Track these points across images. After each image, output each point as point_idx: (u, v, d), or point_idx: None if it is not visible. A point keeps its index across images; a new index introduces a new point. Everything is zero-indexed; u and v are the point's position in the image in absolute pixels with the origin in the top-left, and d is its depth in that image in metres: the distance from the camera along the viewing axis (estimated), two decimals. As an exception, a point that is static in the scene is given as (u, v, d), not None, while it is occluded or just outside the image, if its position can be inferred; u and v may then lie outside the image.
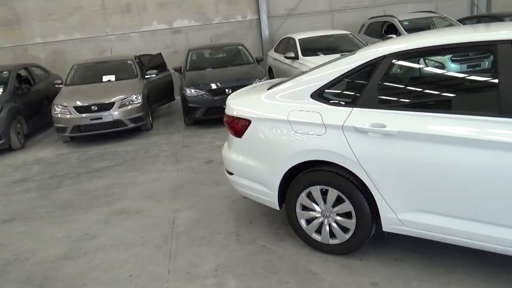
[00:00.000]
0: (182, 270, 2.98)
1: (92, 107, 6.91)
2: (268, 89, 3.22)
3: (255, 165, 3.08)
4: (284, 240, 3.22)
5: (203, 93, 7.29)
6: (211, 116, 7.30)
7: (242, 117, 3.13)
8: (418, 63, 3.03)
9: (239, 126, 3.15)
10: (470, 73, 3.51)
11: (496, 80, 2.27)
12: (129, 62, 8.42)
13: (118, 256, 3.26)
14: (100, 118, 6.90)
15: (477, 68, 4.88)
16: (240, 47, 9.03)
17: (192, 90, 7.36)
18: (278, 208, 3.10)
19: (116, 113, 6.96)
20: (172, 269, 3.00)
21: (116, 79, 7.93)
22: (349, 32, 8.92)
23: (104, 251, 3.36)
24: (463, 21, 10.11)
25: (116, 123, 7.00)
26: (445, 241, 2.50)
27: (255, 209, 3.82)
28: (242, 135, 3.13)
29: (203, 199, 4.22)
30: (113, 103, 6.99)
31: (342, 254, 2.92)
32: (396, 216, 2.57)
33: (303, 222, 3.01)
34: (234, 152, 3.26)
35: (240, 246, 3.22)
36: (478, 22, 9.90)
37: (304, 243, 3.09)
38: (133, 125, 7.16)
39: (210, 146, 6.22)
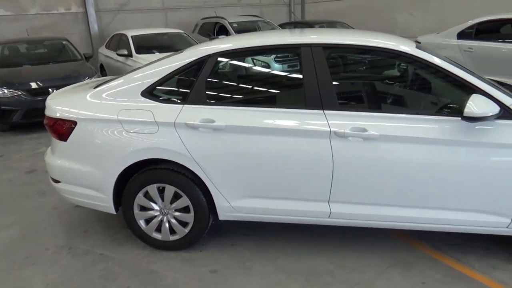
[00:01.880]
0: (1, 298, 2.57)
1: None
2: (95, 87, 3.02)
3: (85, 170, 2.86)
4: (123, 245, 3.10)
5: (20, 93, 6.35)
6: (32, 120, 6.42)
7: (66, 118, 2.86)
8: (244, 62, 3.30)
9: (63, 129, 2.87)
10: (288, 72, 4.00)
11: (302, 78, 2.65)
12: None
13: None
14: None
15: (293, 68, 5.60)
16: (64, 42, 8.17)
17: (5, 90, 6.33)
18: (114, 212, 2.95)
19: None
20: (-14, 300, 2.56)
21: None
22: (183, 31, 9.03)
23: None
24: (283, 26, 11.39)
25: None
26: (274, 220, 2.81)
27: (90, 216, 3.55)
28: (67, 138, 2.86)
29: (26, 214, 3.70)
30: None
31: (184, 249, 2.97)
32: (230, 204, 2.76)
33: (142, 223, 2.95)
34: (59, 158, 2.96)
35: (73, 259, 2.95)
36: (295, 27, 11.32)
37: (145, 244, 3.03)
38: None
39: (33, 154, 5.48)
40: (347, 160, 2.52)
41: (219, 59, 2.82)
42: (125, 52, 7.77)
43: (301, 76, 2.66)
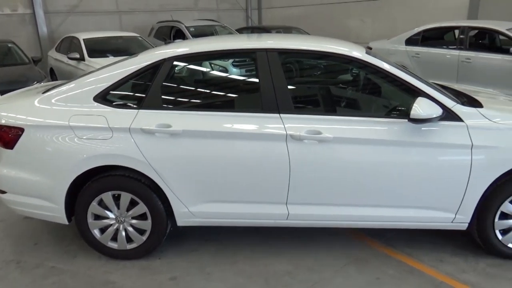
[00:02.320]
0: None
1: None
2: (44, 92, 2.89)
3: (34, 179, 2.73)
4: (77, 256, 2.97)
5: (-39, 99, 5.93)
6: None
7: (12, 125, 2.72)
8: (201, 66, 3.30)
9: (9, 136, 2.72)
10: (245, 76, 4.03)
11: (258, 82, 2.69)
12: None
13: None
14: None
15: (251, 73, 5.64)
16: (10, 45, 7.73)
17: None
18: (66, 223, 2.83)
19: None
20: None
21: None
22: (138, 35, 8.85)
23: None
24: (241, 30, 11.46)
25: None
26: (233, 224, 2.82)
27: (40, 228, 3.38)
28: (14, 146, 2.72)
29: (-32, 227, 3.46)
30: None
31: (141, 257, 2.90)
32: (188, 210, 2.74)
33: (96, 232, 2.85)
34: (5, 167, 2.80)
35: (22, 274, 2.79)
36: (252, 32, 11.42)
37: (100, 254, 2.93)
38: None
39: (-24, 163, 5.12)
40: (303, 162, 2.59)
41: (175, 63, 2.80)
42: (77, 55, 7.49)
43: (257, 80, 2.70)
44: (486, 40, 7.10)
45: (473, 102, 2.80)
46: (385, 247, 2.97)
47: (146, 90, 2.72)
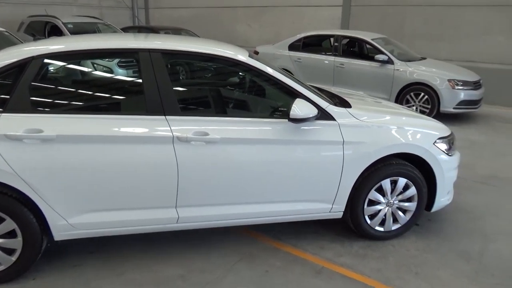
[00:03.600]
0: None
1: None
2: None
3: None
4: None
5: None
6: None
7: None
8: (80, 65, 3.04)
9: None
10: (128, 77, 3.84)
11: (142, 83, 2.59)
12: None
13: None
14: None
15: (135, 74, 5.40)
16: None
17: None
18: None
19: None
20: None
21: None
22: (4, 29, 7.80)
23: None
24: (127, 30, 10.92)
25: None
26: (121, 233, 2.67)
27: None
28: None
29: None
30: None
31: (12, 280, 2.56)
32: (67, 222, 2.51)
33: (-49, 258, 2.43)
34: None
35: None
36: (138, 32, 10.97)
37: (-42, 282, 2.50)
38: None
39: None
40: (191, 164, 2.58)
41: (46, 61, 2.54)
42: None
43: (141, 82, 2.60)
44: (356, 48, 7.99)
45: (344, 103, 3.12)
46: (273, 241, 3.13)
47: (10, 91, 2.41)
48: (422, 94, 6.73)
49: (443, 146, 3.08)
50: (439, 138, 3.07)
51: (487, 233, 3.31)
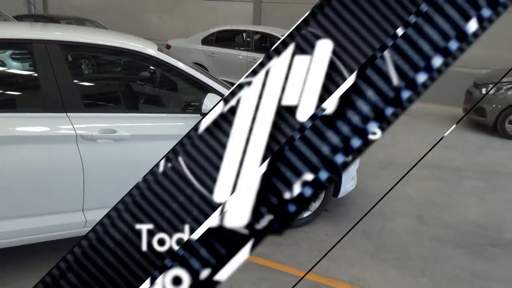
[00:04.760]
0: None
1: None
2: None
3: None
4: None
5: None
6: None
7: None
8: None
9: None
10: (23, 71, 3.48)
11: (38, 78, 2.37)
12: None
13: None
14: None
15: (30, 67, 4.93)
16: None
17: None
18: None
19: None
20: None
21: None
22: None
23: None
24: (21, 18, 9.86)
25: None
26: (20, 243, 2.41)
27: None
28: None
29: None
30: None
31: None
32: (-49, 236, 2.21)
33: None
34: None
35: None
36: (35, 21, 9.98)
37: None
38: None
39: None
40: (98, 164, 2.44)
41: None
42: None
43: (37, 76, 2.38)
44: (267, 44, 8.21)
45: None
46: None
47: None
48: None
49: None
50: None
51: (385, 213, 3.67)
